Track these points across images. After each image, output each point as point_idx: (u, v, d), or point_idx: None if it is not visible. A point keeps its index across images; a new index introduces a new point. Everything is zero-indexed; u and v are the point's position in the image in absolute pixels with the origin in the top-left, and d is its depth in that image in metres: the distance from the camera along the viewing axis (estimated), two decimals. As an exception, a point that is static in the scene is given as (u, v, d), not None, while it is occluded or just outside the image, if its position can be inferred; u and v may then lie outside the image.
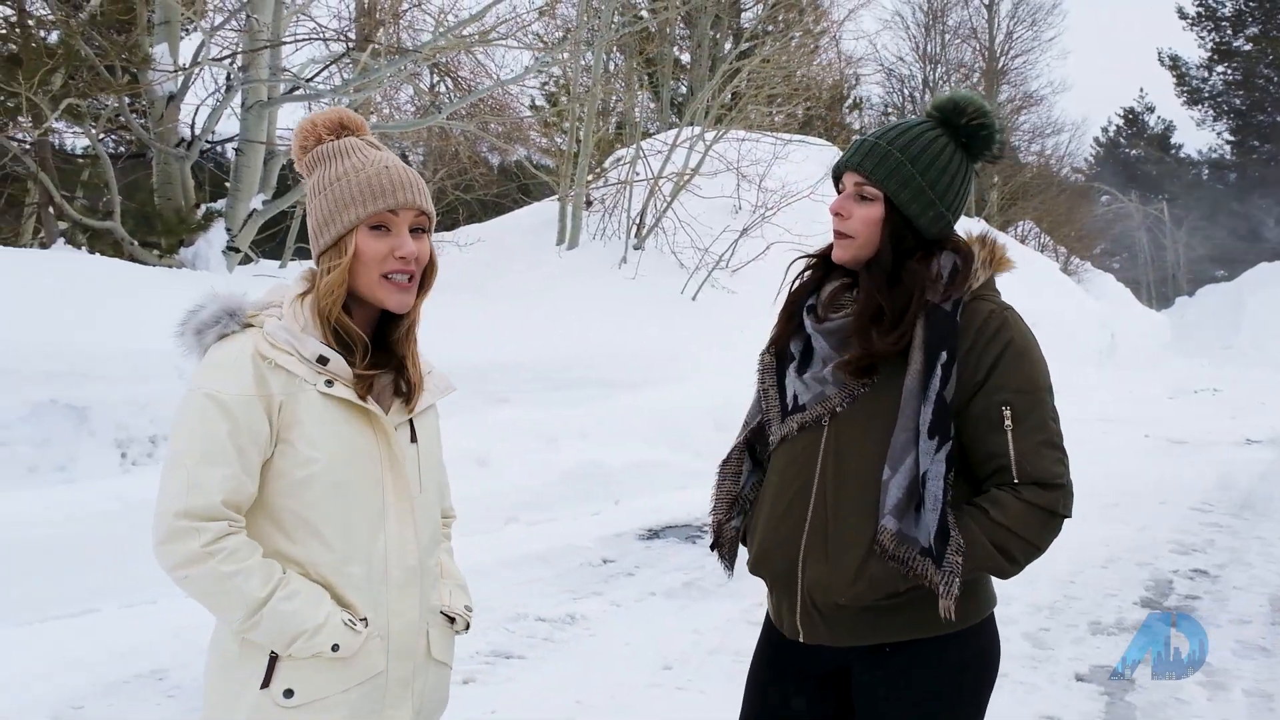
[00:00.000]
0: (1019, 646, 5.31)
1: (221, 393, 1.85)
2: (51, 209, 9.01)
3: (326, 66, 10.90)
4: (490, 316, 10.10)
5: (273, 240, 13.95)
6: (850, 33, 47.55)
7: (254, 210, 10.01)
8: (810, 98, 27.43)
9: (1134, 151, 54.64)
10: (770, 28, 21.74)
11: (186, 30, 10.21)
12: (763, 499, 2.27)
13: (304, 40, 10.53)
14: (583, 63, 14.73)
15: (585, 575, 6.50)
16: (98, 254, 8.98)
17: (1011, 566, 2.13)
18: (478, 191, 17.57)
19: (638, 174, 14.92)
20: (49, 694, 4.43)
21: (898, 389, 2.12)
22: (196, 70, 9.66)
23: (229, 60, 10.00)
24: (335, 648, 1.86)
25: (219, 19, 10.41)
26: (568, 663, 5.06)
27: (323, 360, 1.90)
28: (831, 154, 18.93)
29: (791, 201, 14.04)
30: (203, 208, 9.79)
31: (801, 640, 2.22)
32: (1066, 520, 2.15)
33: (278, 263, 13.30)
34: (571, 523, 7.92)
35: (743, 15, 26.73)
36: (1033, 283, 22.34)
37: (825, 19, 29.56)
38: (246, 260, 12.04)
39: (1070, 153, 41.47)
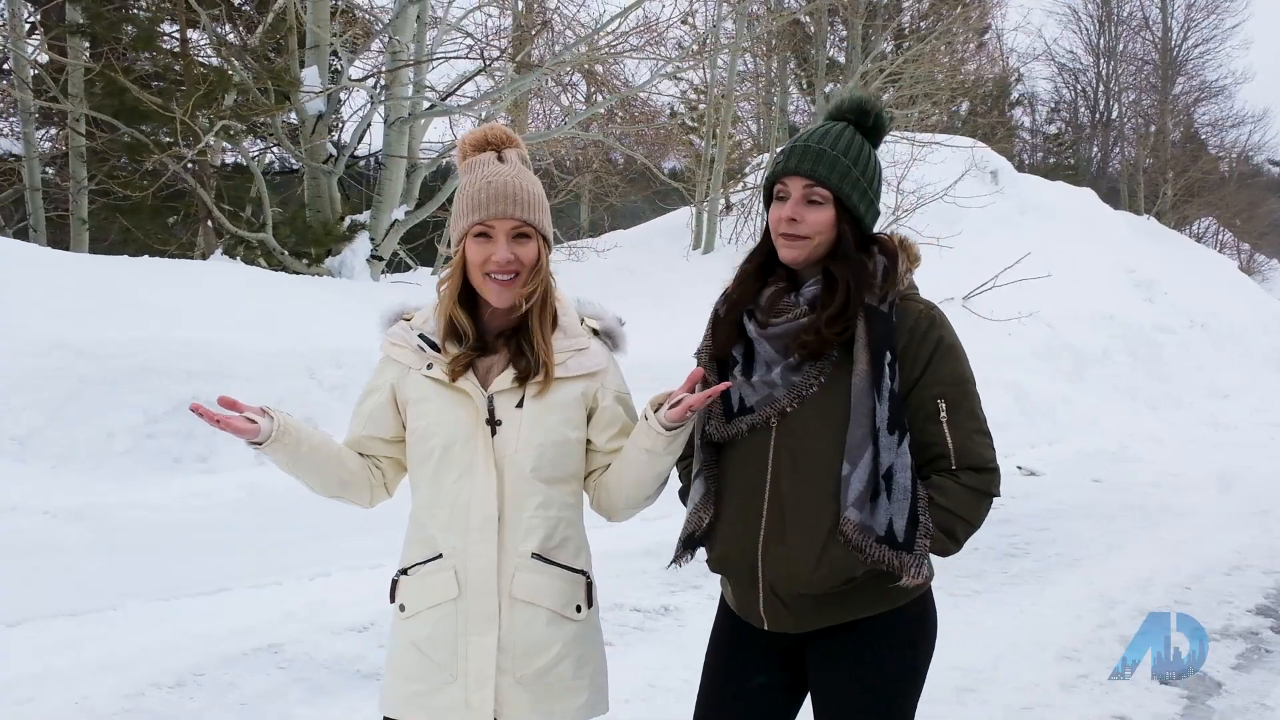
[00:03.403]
0: (1110, 649, 5.23)
1: (369, 381, 2.47)
2: (210, 222, 9.75)
3: (464, 82, 11.40)
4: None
5: (430, 248, 14.56)
6: (1017, 27, 46.10)
7: (395, 221, 10.56)
8: (969, 95, 26.78)
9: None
10: (924, 24, 21.41)
11: (336, 56, 10.82)
12: (721, 499, 2.38)
13: (439, 58, 11.04)
14: (720, 64, 14.87)
15: (688, 570, 6.53)
16: (253, 264, 9.65)
17: (954, 545, 2.27)
18: (620, 198, 17.97)
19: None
20: (176, 661, 4.86)
21: (844, 388, 2.24)
22: (346, 92, 10.24)
23: (372, 80, 10.58)
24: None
25: (367, 40, 10.99)
26: (653, 650, 5.23)
27: (421, 349, 2.35)
28: (982, 154, 18.54)
29: (925, 204, 13.84)
30: (347, 219, 10.39)
31: (766, 628, 2.36)
32: (996, 499, 2.29)
33: (431, 269, 13.91)
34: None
35: (902, 13, 26.29)
36: (1201, 282, 21.32)
37: (988, 16, 28.91)
38: (406, 267, 12.64)
39: (1256, 145, 39.20)
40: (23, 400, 5.97)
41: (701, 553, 2.48)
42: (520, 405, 2.31)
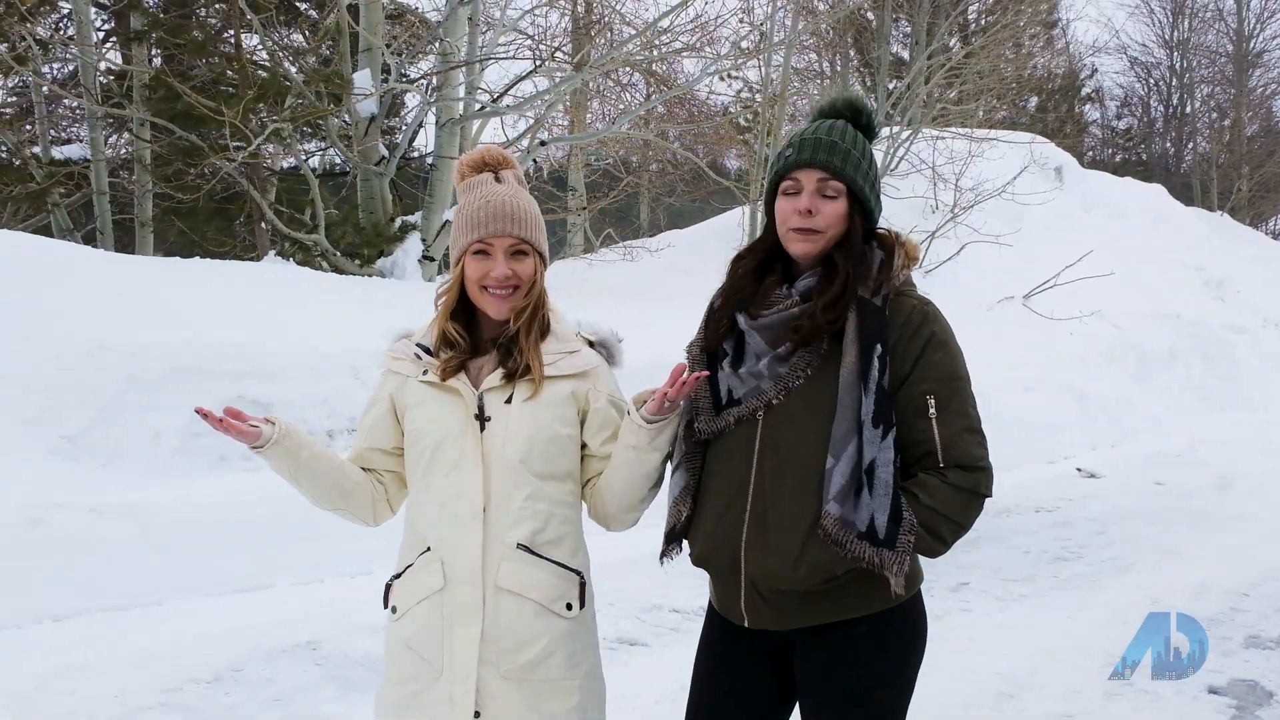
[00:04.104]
0: (1160, 657, 5.09)
1: (372, 396, 2.57)
2: (264, 224, 9.89)
3: (515, 83, 11.44)
4: (661, 317, 10.33)
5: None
6: (1079, 17, 45.22)
7: (446, 221, 10.62)
8: (1037, 90, 26.26)
9: None
10: (990, 19, 21.04)
11: (389, 58, 10.90)
12: (704, 493, 2.35)
13: (488, 59, 11.09)
14: (774, 63, 14.77)
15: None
16: (306, 265, 9.77)
17: (940, 546, 2.22)
18: (679, 199, 17.94)
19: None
20: (215, 657, 4.93)
21: (831, 381, 2.21)
22: (396, 92, 10.32)
23: (423, 81, 10.65)
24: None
25: (419, 43, 11.07)
26: (688, 651, 5.16)
27: (418, 356, 2.44)
28: (1044, 149, 18.18)
29: (982, 200, 13.60)
30: (398, 221, 10.48)
31: (747, 625, 2.32)
32: (987, 499, 2.24)
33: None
34: (730, 521, 8.03)
35: (966, 6, 25.76)
36: (1276, 280, 20.74)
37: (1055, 9, 28.36)
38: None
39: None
40: (73, 400, 6.11)
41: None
42: (509, 402, 2.36)
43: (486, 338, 2.44)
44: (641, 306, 11.04)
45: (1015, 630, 5.47)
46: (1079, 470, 10.47)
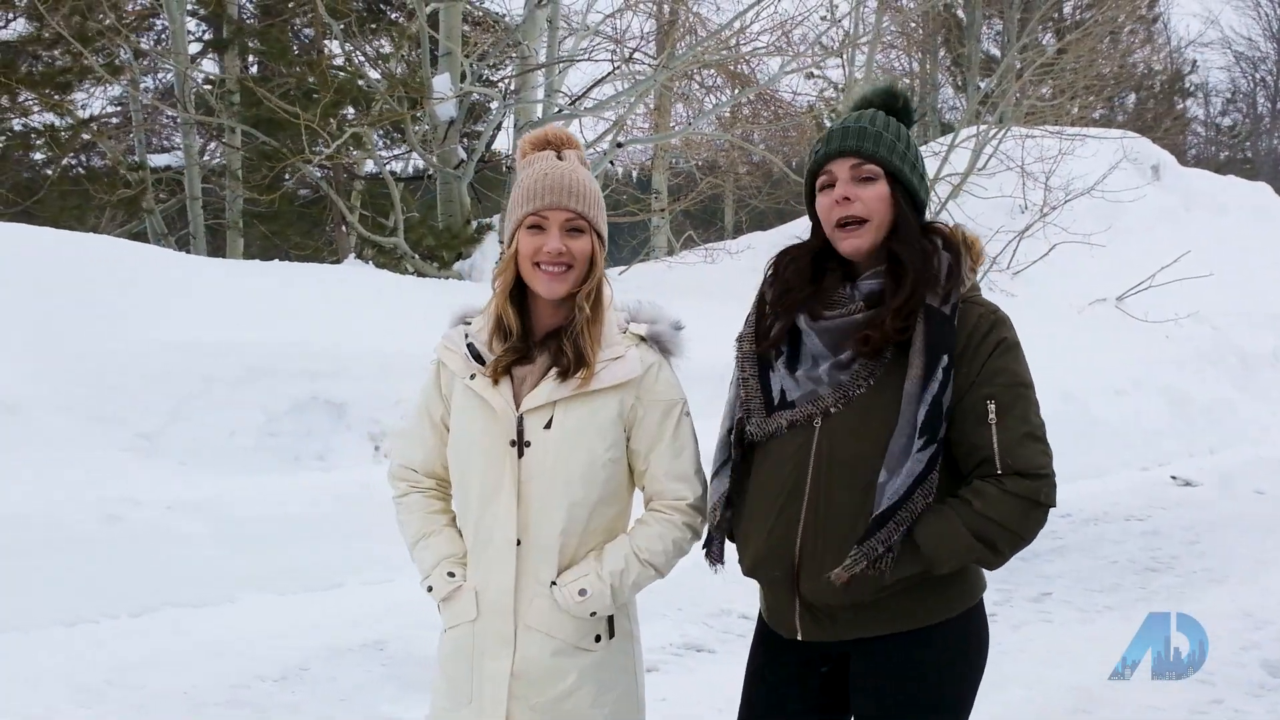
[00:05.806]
0: (1253, 673, 4.85)
1: (422, 389, 2.47)
2: (344, 227, 10.03)
3: (593, 86, 11.44)
4: (738, 319, 10.23)
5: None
6: (1188, 13, 43.88)
7: (524, 223, 10.64)
8: (1136, 87, 25.50)
9: None
10: (1088, 15, 20.49)
11: (465, 64, 10.97)
12: (752, 498, 2.25)
13: (565, 61, 11.10)
14: (857, 62, 14.57)
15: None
16: (385, 268, 9.88)
17: (996, 557, 2.12)
18: (764, 201, 17.79)
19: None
20: (281, 655, 4.99)
21: (894, 392, 2.11)
22: (469, 97, 10.38)
23: (502, 84, 10.70)
24: (430, 589, 2.36)
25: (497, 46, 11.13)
26: (754, 658, 5.10)
27: (468, 358, 2.32)
28: (1139, 146, 17.64)
29: (1072, 199, 13.20)
30: (474, 223, 10.54)
31: (800, 639, 2.24)
32: (1051, 510, 2.13)
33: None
34: (805, 526, 7.90)
35: (1062, 3, 25.10)
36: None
37: (1157, 3, 27.55)
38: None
39: None
40: (150, 399, 6.23)
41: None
42: (549, 427, 2.24)
43: (540, 330, 2.30)
44: (721, 307, 10.94)
45: (1095, 643, 5.24)
46: (1174, 478, 10.07)
